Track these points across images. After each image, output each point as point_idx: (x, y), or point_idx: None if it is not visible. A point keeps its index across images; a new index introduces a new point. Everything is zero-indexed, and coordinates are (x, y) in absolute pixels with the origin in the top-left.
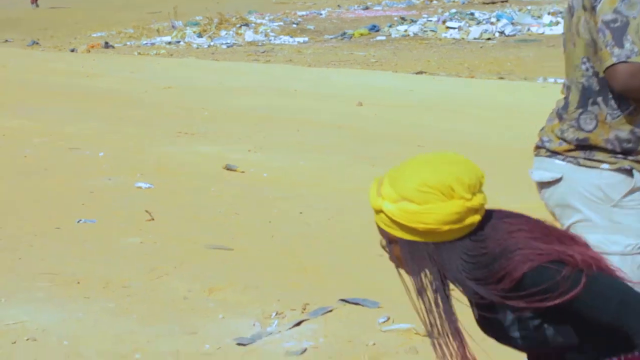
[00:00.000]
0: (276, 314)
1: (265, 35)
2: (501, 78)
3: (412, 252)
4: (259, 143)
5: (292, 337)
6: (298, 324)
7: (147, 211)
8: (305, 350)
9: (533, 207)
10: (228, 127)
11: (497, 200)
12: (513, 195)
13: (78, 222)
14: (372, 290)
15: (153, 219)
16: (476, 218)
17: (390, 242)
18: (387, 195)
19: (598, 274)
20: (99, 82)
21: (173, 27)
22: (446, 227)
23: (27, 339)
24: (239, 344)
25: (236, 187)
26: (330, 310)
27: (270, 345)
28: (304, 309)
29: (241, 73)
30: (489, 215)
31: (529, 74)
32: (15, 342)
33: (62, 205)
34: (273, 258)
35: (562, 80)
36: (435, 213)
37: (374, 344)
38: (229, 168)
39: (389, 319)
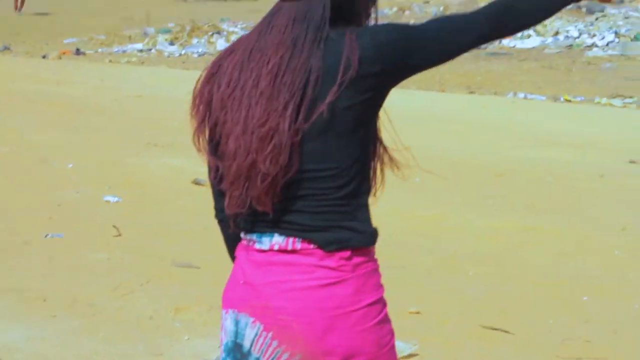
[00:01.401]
0: None
1: None
2: (471, 92)
3: None
4: None
5: None
6: None
7: (114, 226)
8: None
9: (499, 226)
10: None
11: (465, 216)
12: (482, 211)
13: (46, 236)
14: None
15: (120, 235)
16: None
17: None
18: None
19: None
20: (69, 89)
21: (145, 34)
22: None
23: None
24: None
25: (204, 201)
26: None
27: None
28: None
29: None
30: None
31: (499, 89)
32: None
33: (29, 218)
34: None
35: (533, 96)
36: None
37: None
38: (197, 182)
39: None
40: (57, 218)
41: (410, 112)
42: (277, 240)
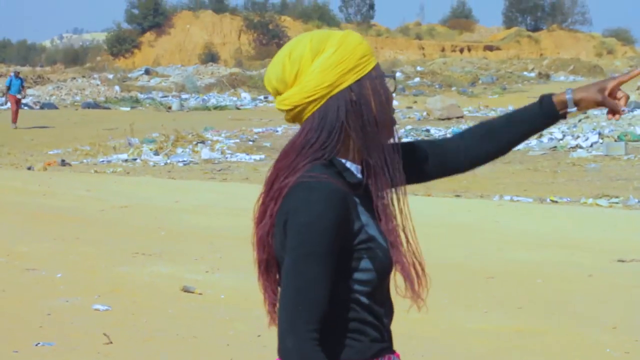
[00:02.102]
0: None
1: (222, 153)
2: (457, 196)
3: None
4: (216, 263)
5: None
6: None
7: (105, 334)
8: None
9: (491, 328)
10: (184, 247)
11: (455, 319)
12: (473, 313)
13: (36, 345)
14: None
15: (111, 342)
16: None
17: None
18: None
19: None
20: (56, 200)
21: (129, 144)
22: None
23: None
24: None
25: (193, 309)
26: None
27: None
28: None
29: (197, 192)
30: None
31: (485, 192)
32: None
33: (19, 327)
34: None
35: (519, 198)
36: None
37: None
38: (186, 290)
39: None
40: (47, 327)
41: None
42: None
